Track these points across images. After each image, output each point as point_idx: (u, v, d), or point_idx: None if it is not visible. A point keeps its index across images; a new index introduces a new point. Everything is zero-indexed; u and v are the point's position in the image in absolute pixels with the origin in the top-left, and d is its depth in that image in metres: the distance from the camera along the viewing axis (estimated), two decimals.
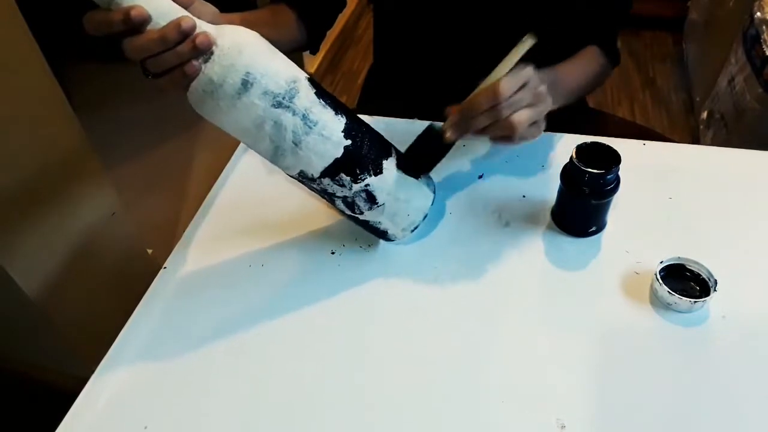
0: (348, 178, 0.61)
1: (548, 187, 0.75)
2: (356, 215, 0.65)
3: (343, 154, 0.59)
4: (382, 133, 0.65)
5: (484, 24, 0.85)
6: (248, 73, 0.54)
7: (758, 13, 1.44)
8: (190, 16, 0.52)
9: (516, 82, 0.60)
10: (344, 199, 0.63)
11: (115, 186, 1.19)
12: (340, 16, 0.86)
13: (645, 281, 0.65)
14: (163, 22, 0.51)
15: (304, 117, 0.57)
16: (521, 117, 0.61)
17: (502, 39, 0.87)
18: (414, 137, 0.67)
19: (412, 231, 0.67)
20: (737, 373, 0.57)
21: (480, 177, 0.78)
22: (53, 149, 1.02)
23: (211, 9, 0.62)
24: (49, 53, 0.98)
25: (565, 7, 0.86)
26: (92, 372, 0.59)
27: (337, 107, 0.60)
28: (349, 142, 0.59)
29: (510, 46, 0.64)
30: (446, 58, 0.90)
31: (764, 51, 1.38)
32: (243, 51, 0.54)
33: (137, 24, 0.50)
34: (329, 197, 0.64)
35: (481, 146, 0.82)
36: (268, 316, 0.64)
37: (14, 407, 1.32)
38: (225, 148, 0.85)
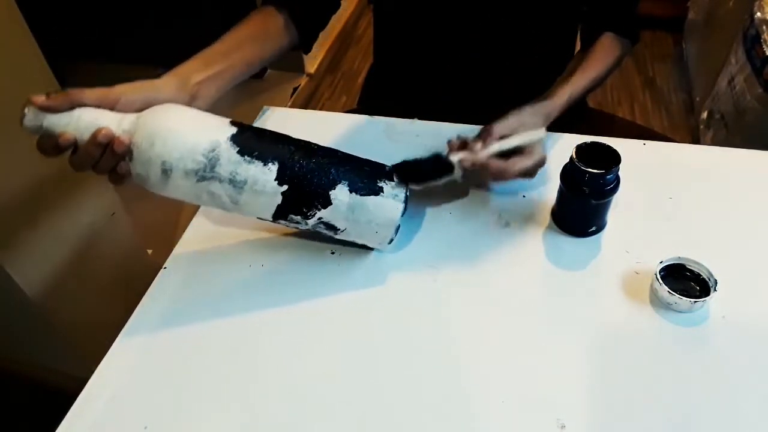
0: (298, 217, 0.62)
1: (548, 187, 0.75)
2: (331, 236, 0.66)
3: (283, 200, 0.60)
4: (382, 133, 0.65)
5: (484, 24, 0.85)
6: (164, 162, 0.57)
7: (758, 13, 1.44)
8: (106, 126, 0.57)
9: (529, 162, 0.67)
10: (307, 230, 0.65)
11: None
12: (341, 16, 0.86)
13: (645, 281, 0.65)
14: (87, 135, 0.57)
15: (231, 181, 0.59)
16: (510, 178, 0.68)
17: (501, 38, 0.87)
18: (414, 137, 0.67)
19: (390, 242, 0.66)
20: (737, 373, 0.57)
21: None
22: None
23: (145, 91, 0.61)
24: (49, 53, 0.98)
25: (564, 9, 0.86)
26: (92, 372, 0.59)
27: (267, 154, 0.59)
28: (285, 187, 0.60)
29: (509, 46, 0.64)
30: (446, 58, 0.90)
31: (764, 51, 1.38)
32: (155, 142, 0.56)
33: (67, 148, 0.58)
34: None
35: None
36: (268, 317, 0.64)
37: (14, 407, 1.31)
38: None
